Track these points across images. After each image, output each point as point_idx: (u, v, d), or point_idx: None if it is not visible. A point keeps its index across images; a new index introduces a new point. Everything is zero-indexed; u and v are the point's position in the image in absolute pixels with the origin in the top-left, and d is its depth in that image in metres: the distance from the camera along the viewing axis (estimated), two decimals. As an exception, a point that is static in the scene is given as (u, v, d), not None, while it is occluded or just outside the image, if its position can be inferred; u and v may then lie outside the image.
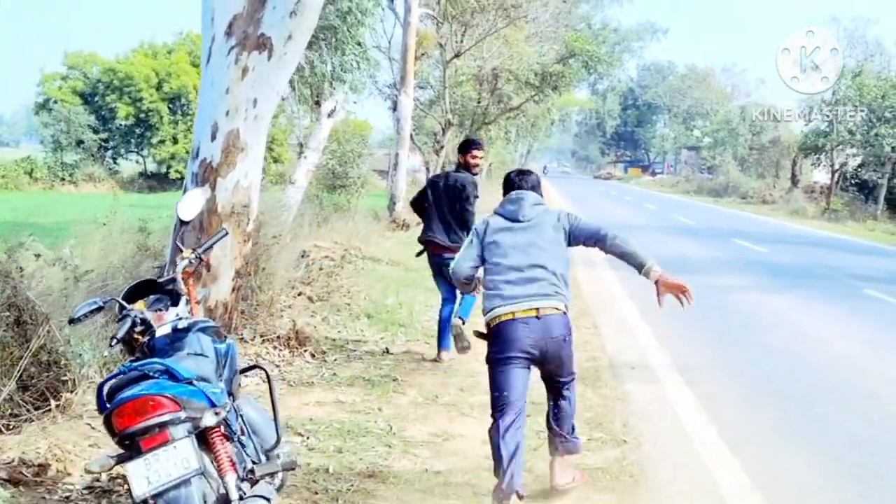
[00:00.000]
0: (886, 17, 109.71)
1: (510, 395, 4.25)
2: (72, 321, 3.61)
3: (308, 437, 5.28)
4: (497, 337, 4.33)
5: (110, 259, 7.89)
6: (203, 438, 3.15)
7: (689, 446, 5.43)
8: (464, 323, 7.05)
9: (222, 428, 3.22)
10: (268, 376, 3.87)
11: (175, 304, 3.74)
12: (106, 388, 3.15)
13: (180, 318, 3.63)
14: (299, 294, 9.53)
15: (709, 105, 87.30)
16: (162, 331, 3.52)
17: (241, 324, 7.35)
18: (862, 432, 5.94)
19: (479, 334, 4.67)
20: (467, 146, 7.83)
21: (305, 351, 7.29)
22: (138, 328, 3.46)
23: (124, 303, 3.57)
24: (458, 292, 7.03)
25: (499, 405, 4.28)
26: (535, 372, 4.42)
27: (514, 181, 4.79)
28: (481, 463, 4.78)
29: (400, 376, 6.84)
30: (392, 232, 19.78)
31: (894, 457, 5.51)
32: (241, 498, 3.12)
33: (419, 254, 7.86)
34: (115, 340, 3.36)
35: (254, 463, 3.43)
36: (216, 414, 3.14)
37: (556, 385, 4.52)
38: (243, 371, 3.97)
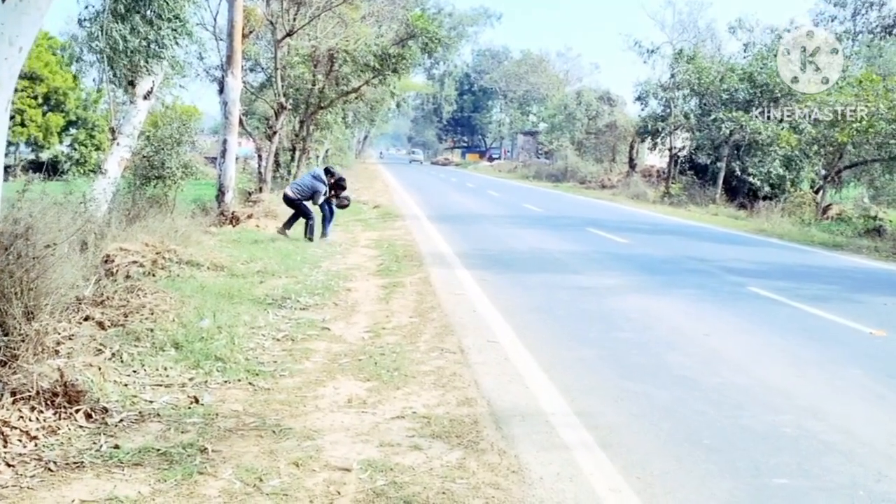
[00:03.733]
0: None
1: (311, 212, 16.35)
2: None
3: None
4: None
5: None
6: None
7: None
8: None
9: None
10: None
11: None
12: None
13: None
14: (86, 319, 7.41)
15: (544, 90, 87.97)
16: None
17: (-14, 375, 5.29)
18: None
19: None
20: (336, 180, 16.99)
21: (78, 410, 5.23)
22: None
23: None
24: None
25: (309, 218, 16.34)
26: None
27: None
28: None
29: (211, 444, 4.89)
30: (219, 227, 17.54)
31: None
32: None
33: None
34: None
35: None
36: None
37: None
38: None
